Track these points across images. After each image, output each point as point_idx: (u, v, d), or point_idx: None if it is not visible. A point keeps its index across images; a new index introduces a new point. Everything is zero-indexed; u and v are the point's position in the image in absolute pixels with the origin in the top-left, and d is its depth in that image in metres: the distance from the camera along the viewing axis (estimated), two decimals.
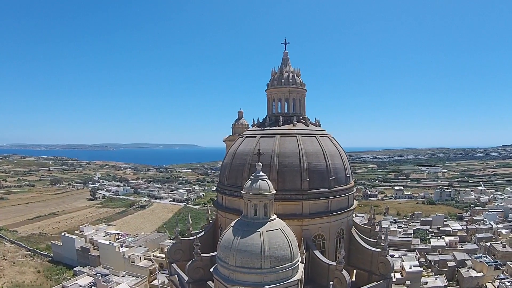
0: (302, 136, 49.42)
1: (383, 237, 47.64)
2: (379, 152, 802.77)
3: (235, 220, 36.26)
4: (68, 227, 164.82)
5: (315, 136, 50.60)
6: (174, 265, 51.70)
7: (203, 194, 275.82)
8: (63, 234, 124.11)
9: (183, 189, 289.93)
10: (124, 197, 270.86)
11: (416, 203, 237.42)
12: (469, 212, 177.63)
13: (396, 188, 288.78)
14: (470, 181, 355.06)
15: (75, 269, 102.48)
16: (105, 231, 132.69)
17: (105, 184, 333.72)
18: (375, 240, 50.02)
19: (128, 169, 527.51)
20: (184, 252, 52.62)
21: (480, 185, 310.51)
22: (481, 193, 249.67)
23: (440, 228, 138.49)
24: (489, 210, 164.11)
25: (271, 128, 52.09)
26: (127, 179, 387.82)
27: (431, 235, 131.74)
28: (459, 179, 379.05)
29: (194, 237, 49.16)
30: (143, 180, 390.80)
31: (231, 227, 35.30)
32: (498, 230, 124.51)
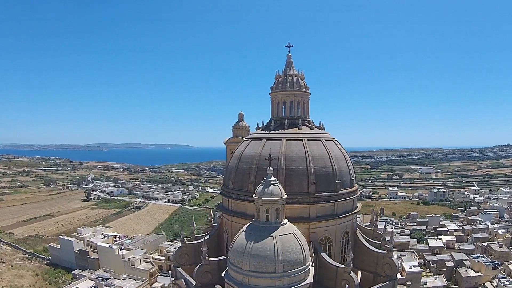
0: (308, 140, 49.68)
1: (387, 238, 48.14)
2: (372, 152, 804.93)
3: (247, 225, 36.46)
4: (64, 229, 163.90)
5: (320, 140, 50.92)
6: (179, 269, 51.36)
7: (197, 195, 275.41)
8: (60, 236, 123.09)
9: (177, 190, 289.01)
10: (118, 198, 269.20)
11: (411, 204, 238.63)
12: (464, 213, 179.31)
13: (390, 188, 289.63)
14: (463, 182, 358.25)
15: (74, 272, 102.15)
16: (102, 233, 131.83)
17: (99, 185, 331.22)
18: (379, 242, 50.54)
19: (121, 170, 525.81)
20: (189, 256, 52.43)
21: (474, 186, 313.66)
22: (475, 194, 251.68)
23: (437, 229, 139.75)
24: (485, 211, 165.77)
25: (276, 131, 52.17)
26: (120, 180, 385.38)
27: (428, 236, 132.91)
28: (453, 179, 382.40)
29: (199, 240, 49.09)
30: (137, 180, 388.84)
31: (243, 232, 35.46)
32: (495, 230, 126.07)
